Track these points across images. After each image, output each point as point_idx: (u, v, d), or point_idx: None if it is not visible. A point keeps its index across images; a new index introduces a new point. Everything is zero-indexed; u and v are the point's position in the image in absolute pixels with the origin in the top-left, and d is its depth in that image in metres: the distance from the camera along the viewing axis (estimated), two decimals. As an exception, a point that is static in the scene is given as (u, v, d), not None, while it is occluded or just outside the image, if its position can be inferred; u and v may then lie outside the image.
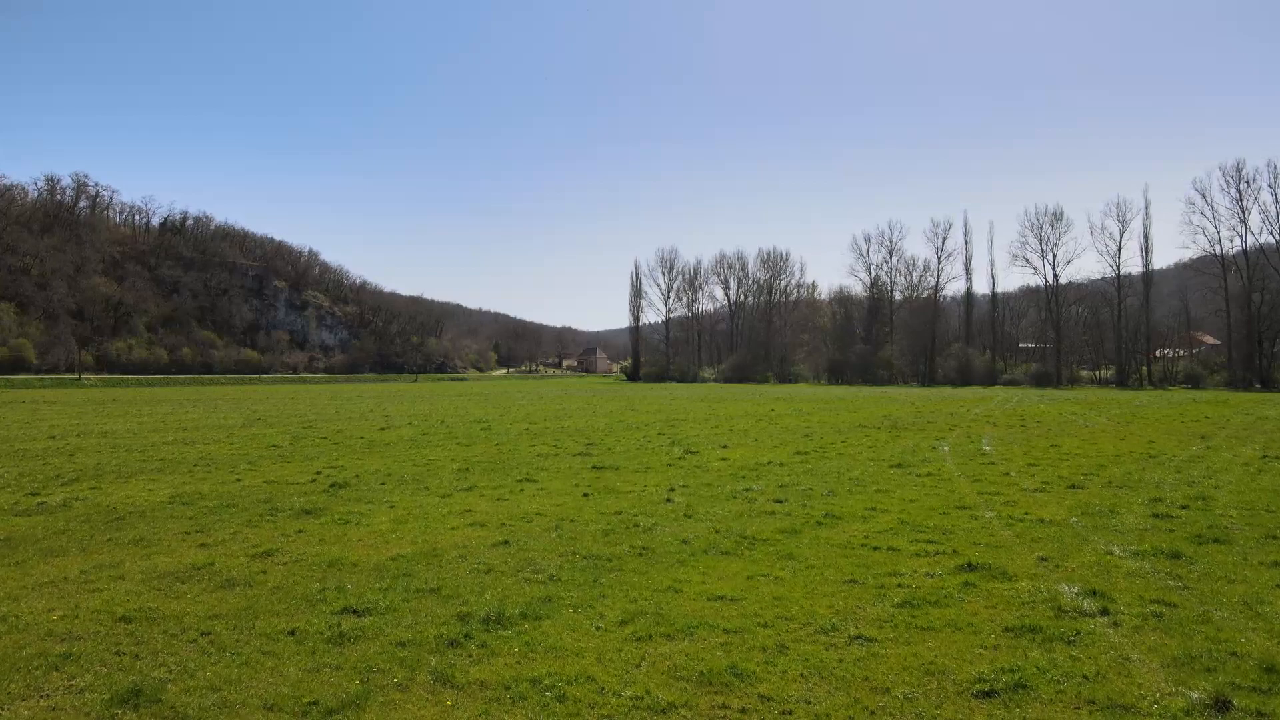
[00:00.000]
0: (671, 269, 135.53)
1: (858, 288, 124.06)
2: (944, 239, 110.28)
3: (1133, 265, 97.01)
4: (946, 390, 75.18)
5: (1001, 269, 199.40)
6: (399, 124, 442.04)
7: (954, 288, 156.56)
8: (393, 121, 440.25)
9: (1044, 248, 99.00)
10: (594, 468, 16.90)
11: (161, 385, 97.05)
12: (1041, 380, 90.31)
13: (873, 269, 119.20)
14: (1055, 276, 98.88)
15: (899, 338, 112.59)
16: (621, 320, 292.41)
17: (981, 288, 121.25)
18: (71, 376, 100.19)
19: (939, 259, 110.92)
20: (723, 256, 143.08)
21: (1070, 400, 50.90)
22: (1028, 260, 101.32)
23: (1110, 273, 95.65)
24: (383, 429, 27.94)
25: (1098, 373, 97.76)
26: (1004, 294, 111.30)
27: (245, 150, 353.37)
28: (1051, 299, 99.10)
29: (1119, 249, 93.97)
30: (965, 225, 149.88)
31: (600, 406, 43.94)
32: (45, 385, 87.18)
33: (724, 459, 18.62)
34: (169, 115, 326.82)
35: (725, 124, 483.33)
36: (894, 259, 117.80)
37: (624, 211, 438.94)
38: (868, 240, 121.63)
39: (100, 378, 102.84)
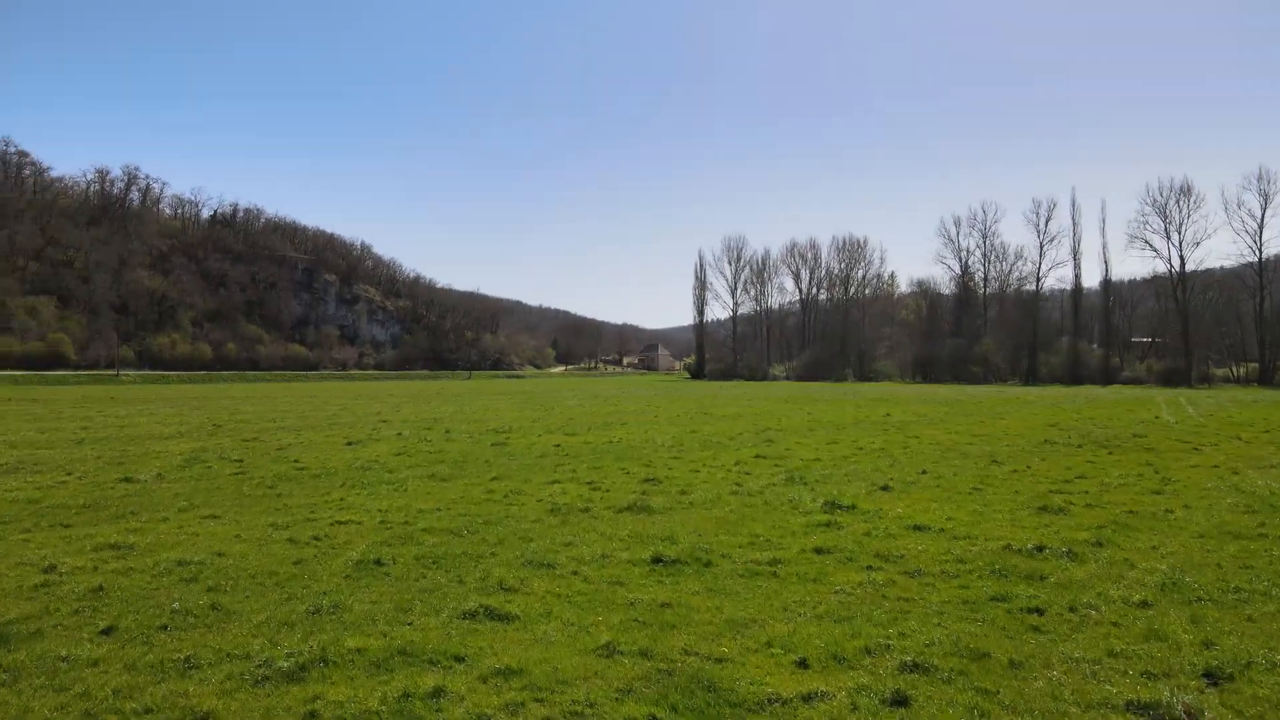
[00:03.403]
0: (738, 258, 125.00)
1: (944, 277, 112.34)
2: (1047, 221, 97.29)
3: (1276, 246, 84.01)
4: (1062, 390, 63.84)
5: (1115, 254, 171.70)
6: (462, 117, 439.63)
7: (1056, 275, 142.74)
8: (455, 115, 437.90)
9: (1169, 228, 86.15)
10: (656, 560, 7.67)
11: (203, 382, 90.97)
12: (1170, 379, 77.94)
13: (963, 255, 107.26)
14: (1182, 261, 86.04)
15: (994, 331, 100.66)
16: (684, 319, 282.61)
17: (1090, 276, 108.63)
18: (110, 373, 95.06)
19: (1041, 243, 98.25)
20: (793, 245, 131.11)
21: (1265, 404, 39.84)
22: (1148, 243, 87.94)
23: (1249, 256, 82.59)
24: (350, 444, 19.24)
25: (1233, 370, 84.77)
26: (1115, 282, 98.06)
27: (301, 142, 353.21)
28: (1178, 286, 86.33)
29: (1260, 227, 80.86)
30: (1073, 204, 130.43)
31: (664, 410, 34.66)
32: (81, 381, 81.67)
33: (916, 527, 9.26)
34: (224, 108, 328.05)
35: (797, 107, 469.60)
36: (987, 244, 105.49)
37: (688, 205, 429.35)
38: (957, 224, 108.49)
39: (140, 374, 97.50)
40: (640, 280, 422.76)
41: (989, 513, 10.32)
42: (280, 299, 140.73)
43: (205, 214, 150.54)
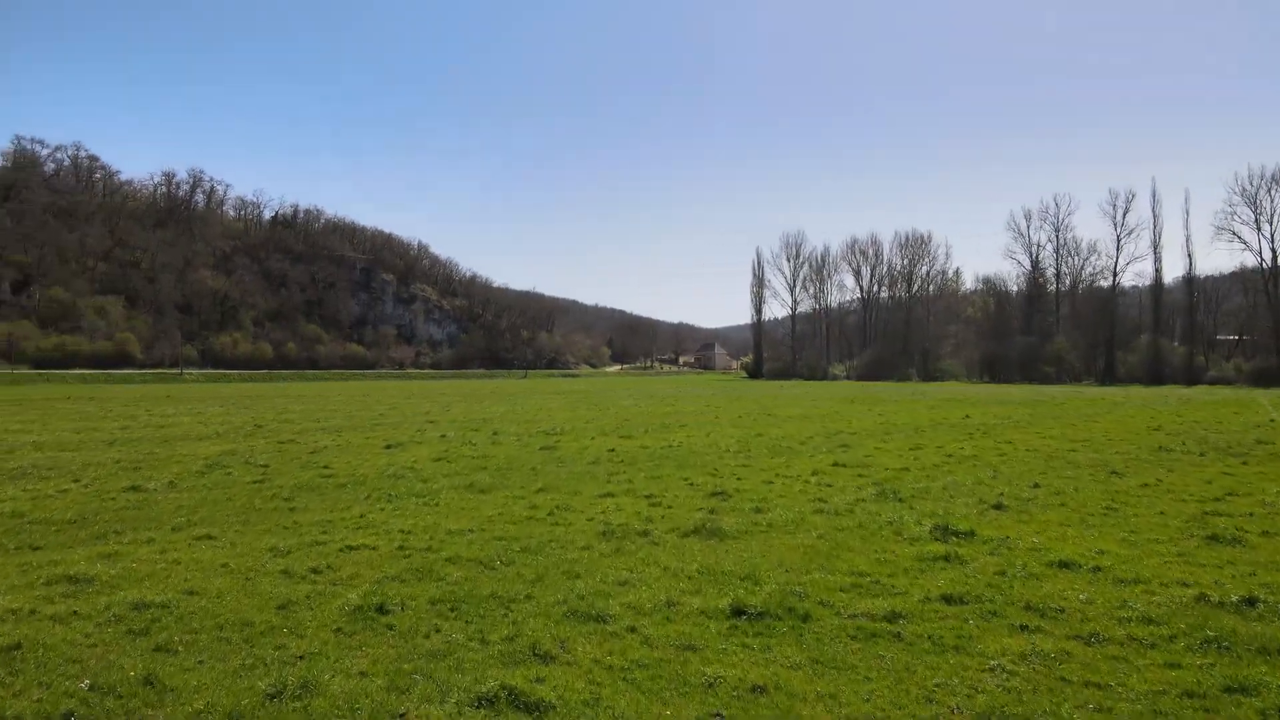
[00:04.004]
0: (797, 255, 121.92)
1: (1012, 273, 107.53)
2: (1124, 213, 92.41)
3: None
4: (1145, 390, 59.95)
5: (1199, 247, 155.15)
6: (515, 118, 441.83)
7: (1134, 270, 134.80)
8: (509, 115, 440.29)
9: (1259, 219, 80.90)
10: (738, 612, 5.87)
11: (262, 381, 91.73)
12: (1261, 378, 72.97)
13: (1034, 250, 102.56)
14: (1274, 253, 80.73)
15: (1067, 328, 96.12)
16: (740, 317, 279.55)
17: (1170, 271, 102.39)
18: (174, 371, 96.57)
19: (1118, 236, 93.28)
20: (854, 241, 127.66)
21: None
22: (1236, 235, 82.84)
23: (1348, 247, 76.99)
24: (389, 446, 17.84)
25: (1331, 369, 79.20)
26: (1199, 277, 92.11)
27: (359, 144, 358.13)
28: (1269, 280, 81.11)
29: (1361, 216, 75.31)
30: (1154, 195, 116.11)
31: (725, 410, 32.78)
32: (146, 380, 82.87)
33: (1061, 563, 7.28)
34: (283, 109, 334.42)
35: (855, 100, 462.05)
36: (1060, 238, 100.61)
37: (745, 203, 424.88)
38: (1028, 217, 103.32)
39: (203, 373, 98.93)
40: (697, 277, 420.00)
41: (1143, 543, 8.31)
42: (339, 299, 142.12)
43: (267, 215, 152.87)
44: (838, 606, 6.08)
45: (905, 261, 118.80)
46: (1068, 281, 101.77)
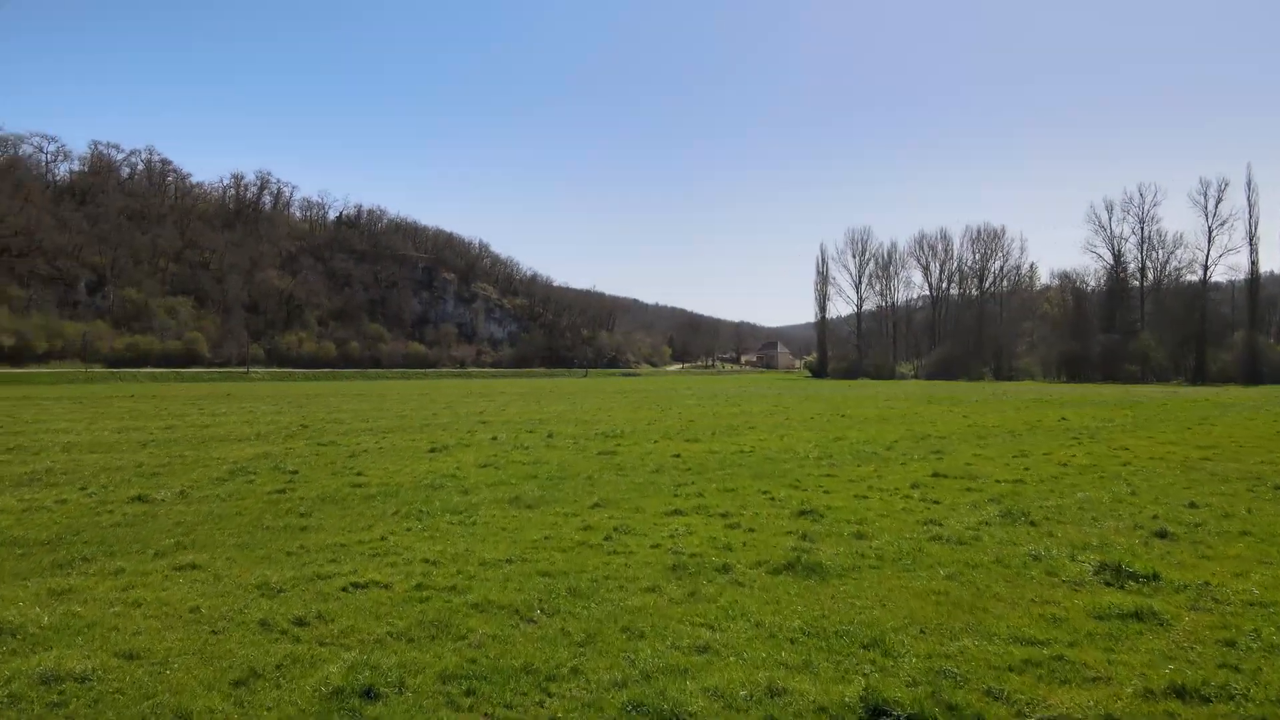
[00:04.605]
0: (863, 251, 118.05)
1: (1093, 267, 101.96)
2: (1217, 202, 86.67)
3: None
4: (1245, 390, 55.45)
5: None
6: (574, 118, 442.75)
7: (1225, 264, 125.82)
8: (567, 115, 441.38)
9: (1368, 206, 75.16)
10: (875, 712, 4.06)
11: (326, 379, 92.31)
12: (1373, 378, 67.95)
13: (1116, 243, 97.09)
14: (1384, 243, 74.97)
15: (1153, 325, 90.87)
16: (802, 316, 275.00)
17: (1266, 263, 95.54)
18: (240, 370, 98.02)
19: (1209, 227, 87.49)
20: (922, 236, 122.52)
21: None
22: (1340, 223, 77.39)
23: None
24: (434, 450, 16.35)
25: None
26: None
27: (420, 143, 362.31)
28: (1379, 272, 75.36)
29: None
30: (1249, 183, 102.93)
31: (795, 411, 30.67)
32: (213, 379, 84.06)
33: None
34: (344, 109, 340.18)
35: (920, 92, 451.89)
36: (1145, 230, 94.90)
37: (809, 200, 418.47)
38: (1110, 209, 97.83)
39: (268, 371, 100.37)
40: (759, 274, 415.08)
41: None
42: (401, 298, 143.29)
43: (331, 216, 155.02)
44: (1018, 702, 4.20)
45: (977, 257, 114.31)
46: (1151, 276, 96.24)
